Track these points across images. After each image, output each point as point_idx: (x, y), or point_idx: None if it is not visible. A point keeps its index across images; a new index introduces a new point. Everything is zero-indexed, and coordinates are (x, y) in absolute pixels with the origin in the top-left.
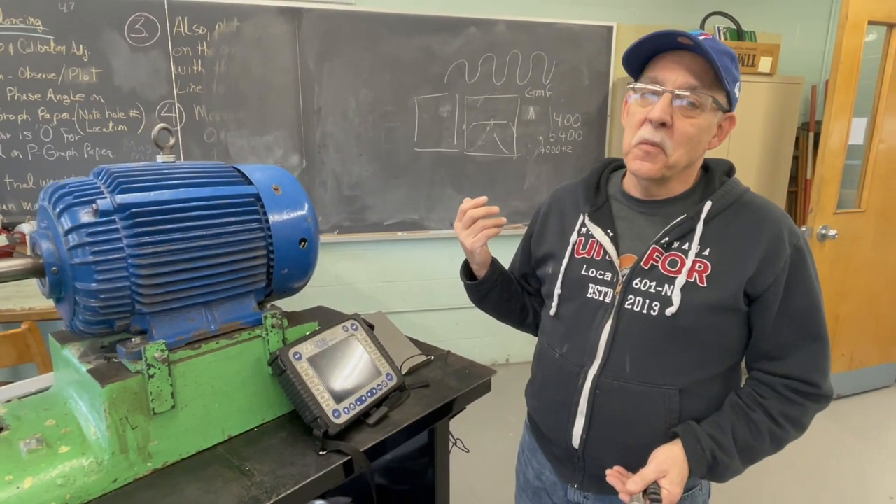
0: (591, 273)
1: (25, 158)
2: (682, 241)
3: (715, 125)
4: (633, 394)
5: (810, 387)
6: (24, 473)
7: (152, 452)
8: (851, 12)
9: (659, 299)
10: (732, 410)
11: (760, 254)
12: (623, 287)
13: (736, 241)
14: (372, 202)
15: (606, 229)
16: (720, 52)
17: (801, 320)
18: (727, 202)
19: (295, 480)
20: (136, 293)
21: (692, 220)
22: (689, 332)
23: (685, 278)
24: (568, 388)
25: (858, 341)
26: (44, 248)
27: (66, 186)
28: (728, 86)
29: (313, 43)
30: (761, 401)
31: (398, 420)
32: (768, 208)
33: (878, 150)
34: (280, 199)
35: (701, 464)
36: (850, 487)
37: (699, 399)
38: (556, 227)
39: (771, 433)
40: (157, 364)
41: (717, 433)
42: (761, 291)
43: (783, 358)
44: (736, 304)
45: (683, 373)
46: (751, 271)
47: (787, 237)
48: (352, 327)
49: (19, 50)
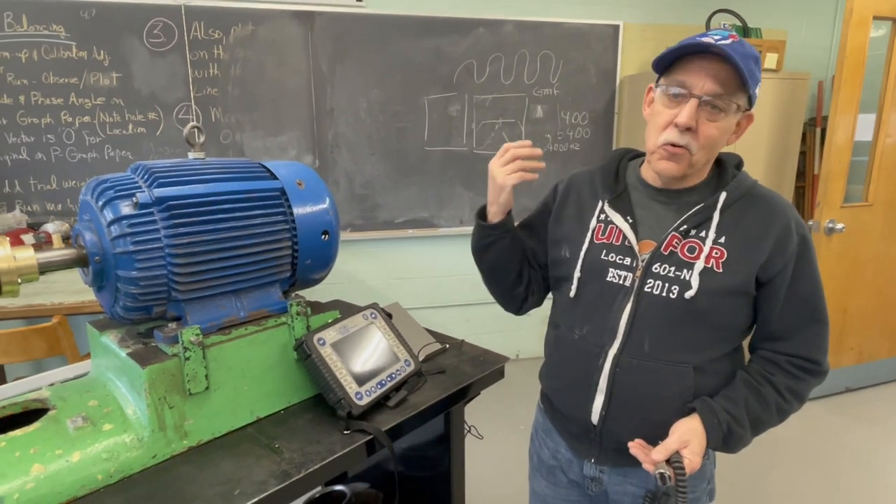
0: (610, 258)
1: (49, 160)
2: (700, 229)
3: (731, 124)
4: (650, 371)
5: (813, 364)
6: (73, 448)
7: (188, 431)
8: (856, 8)
9: (678, 283)
10: (745, 385)
11: (772, 242)
12: (643, 271)
13: (749, 230)
14: (383, 201)
15: (626, 216)
16: (746, 57)
17: (805, 304)
18: (740, 193)
19: (322, 457)
20: (173, 281)
21: (709, 209)
22: (704, 313)
23: (703, 264)
24: (588, 367)
25: (867, 334)
26: (87, 239)
27: (108, 181)
28: (751, 89)
29: (325, 45)
30: (769, 377)
31: (416, 403)
32: (777, 200)
33: (885, 144)
34: (303, 193)
35: (717, 436)
36: (861, 479)
37: (711, 376)
38: (573, 212)
39: (778, 406)
40: (193, 347)
41: (731, 407)
42: (771, 276)
43: (788, 338)
44: (748, 289)
45: (697, 351)
46: (763, 258)
47: (794, 227)
48: (371, 315)
49: (43, 56)
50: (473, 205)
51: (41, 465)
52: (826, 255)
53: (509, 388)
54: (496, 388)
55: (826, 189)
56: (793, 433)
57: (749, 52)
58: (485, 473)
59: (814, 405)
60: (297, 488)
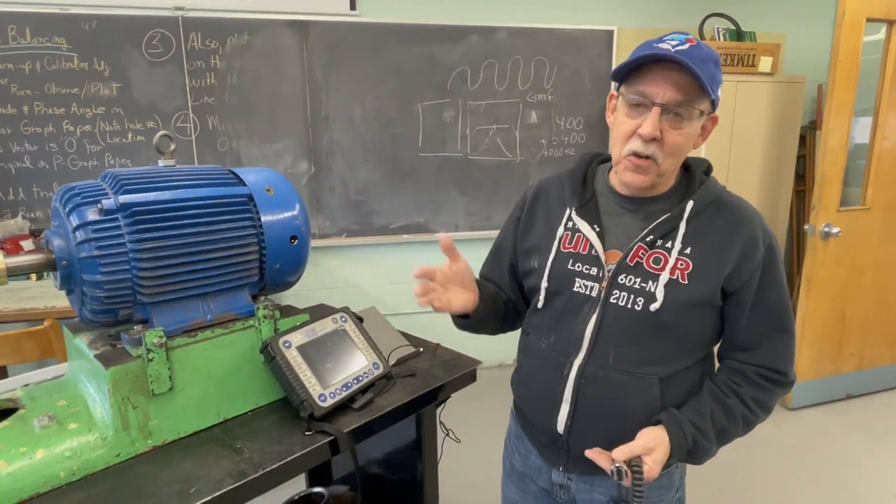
0: (577, 267)
1: (51, 169)
2: (666, 239)
3: (695, 128)
4: (615, 382)
5: (779, 374)
6: (37, 446)
7: (152, 430)
8: (849, 10)
9: (643, 295)
10: (711, 397)
11: (738, 253)
12: (609, 282)
13: (715, 241)
14: (378, 206)
15: (593, 224)
16: (705, 61)
17: (772, 314)
18: (707, 201)
19: (280, 457)
20: (138, 285)
21: (675, 219)
22: (670, 326)
23: (668, 275)
24: (554, 377)
25: (868, 340)
26: (55, 245)
27: (76, 188)
28: (712, 93)
29: (320, 54)
30: (735, 388)
31: (382, 405)
32: (744, 208)
33: (882, 147)
34: (272, 199)
35: (682, 448)
36: (861, 486)
37: (678, 387)
38: (542, 221)
39: (744, 417)
40: (156, 349)
41: (697, 419)
42: (737, 287)
43: (755, 348)
44: (714, 300)
45: (663, 363)
46: (728, 269)
47: (761, 237)
48: (341, 319)
49: (45, 67)
50: (468, 210)
51: (4, 462)
52: (822, 259)
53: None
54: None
55: (822, 193)
56: (793, 440)
57: (708, 55)
58: (463, 477)
59: (815, 412)
60: (252, 487)
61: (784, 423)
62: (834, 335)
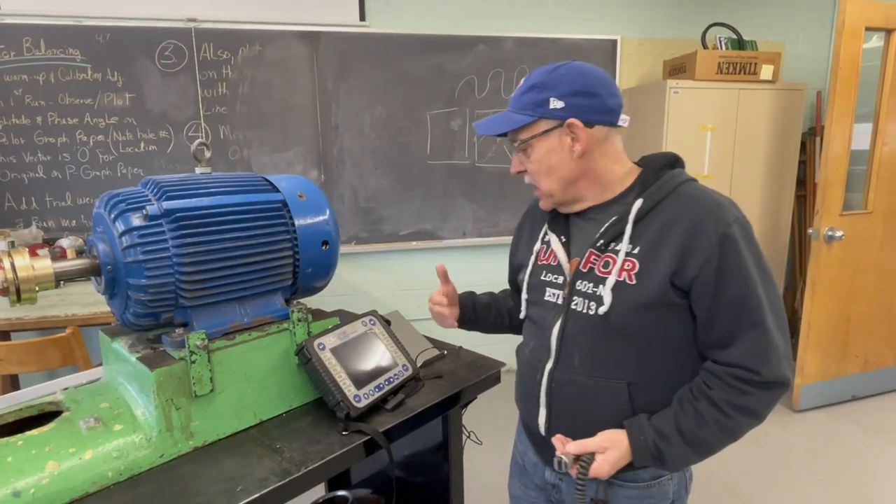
0: (547, 278)
1: (64, 178)
2: (616, 242)
3: (559, 142)
4: (583, 387)
5: (752, 374)
6: (85, 447)
7: (194, 431)
8: (848, 19)
9: (595, 299)
10: (678, 401)
11: (678, 247)
12: (569, 289)
13: (657, 237)
14: (387, 214)
15: (560, 235)
16: (520, 95)
17: (738, 308)
18: (660, 196)
19: (321, 456)
20: (180, 288)
21: (622, 220)
22: (624, 328)
23: (615, 278)
24: (533, 382)
25: (871, 342)
26: (100, 250)
27: (120, 195)
28: (536, 114)
29: (330, 64)
30: (707, 391)
31: (414, 406)
32: (694, 199)
33: (882, 152)
34: (304, 205)
35: (644, 452)
36: (869, 487)
37: (652, 391)
38: (526, 237)
39: (717, 422)
40: (199, 351)
41: (661, 424)
42: (690, 283)
43: (726, 346)
44: (666, 299)
45: (630, 367)
46: (673, 265)
47: (711, 227)
48: (370, 322)
49: (59, 78)
50: (476, 217)
51: (55, 462)
52: (826, 262)
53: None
54: (497, 395)
55: (824, 197)
56: (799, 441)
57: (524, 87)
58: (485, 478)
59: (820, 413)
60: (297, 485)
61: (791, 425)
62: (839, 337)
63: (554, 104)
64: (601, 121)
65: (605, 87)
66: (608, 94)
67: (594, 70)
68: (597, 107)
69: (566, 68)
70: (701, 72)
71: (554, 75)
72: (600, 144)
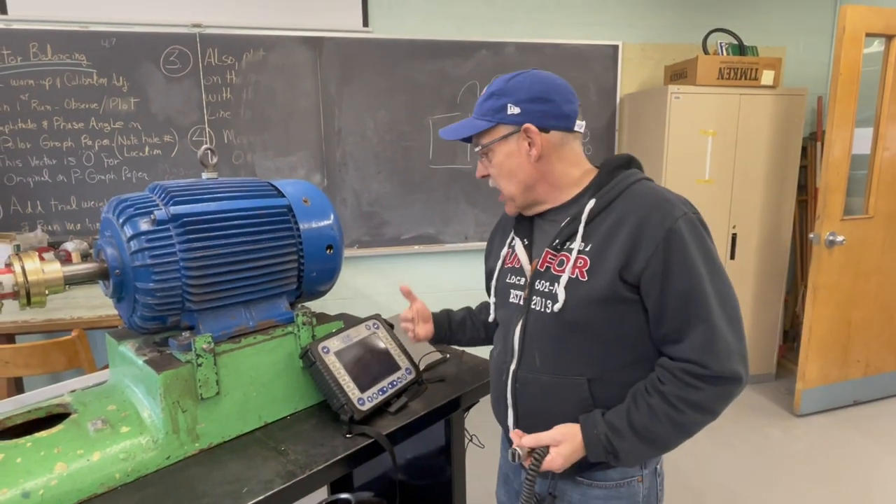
0: (511, 280)
1: (69, 182)
2: (571, 241)
3: (517, 147)
4: (545, 385)
5: (702, 368)
6: (93, 449)
7: (200, 434)
8: (849, 25)
9: (551, 297)
10: (632, 397)
11: (626, 242)
12: (528, 289)
13: (607, 234)
14: (390, 218)
15: (523, 238)
16: (482, 101)
17: (685, 302)
18: (613, 195)
19: (325, 458)
20: (187, 292)
21: (576, 220)
22: (579, 325)
23: (568, 275)
24: (500, 383)
25: (873, 347)
26: (108, 254)
27: (128, 200)
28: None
29: (334, 69)
30: (659, 386)
31: (417, 409)
32: (644, 196)
33: (883, 157)
34: (309, 210)
35: (596, 446)
36: (870, 492)
37: (613, 387)
38: (497, 244)
39: (669, 417)
40: (205, 354)
41: (614, 419)
42: (637, 277)
43: (676, 342)
44: (617, 294)
45: (589, 363)
46: (620, 260)
47: (658, 222)
48: (373, 326)
49: (65, 83)
50: (478, 221)
51: (64, 463)
52: (828, 267)
53: None
54: None
55: (826, 202)
56: (800, 446)
57: (486, 94)
58: (487, 483)
59: (822, 418)
60: (301, 487)
61: (793, 430)
62: (840, 342)
63: (511, 110)
64: (557, 126)
65: (560, 94)
66: (563, 100)
67: (551, 77)
68: (552, 112)
69: (524, 76)
70: (702, 77)
71: (512, 82)
72: (557, 149)
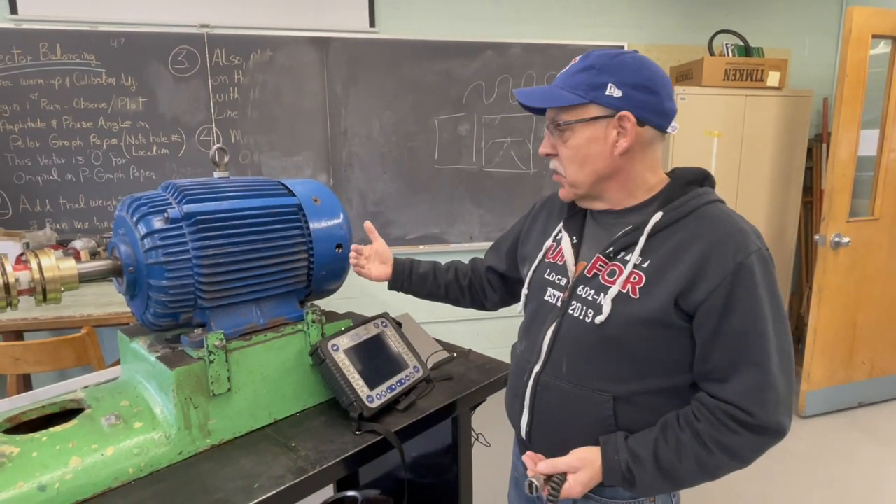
0: (551, 277)
1: (77, 181)
2: (627, 252)
3: (605, 133)
4: (567, 394)
5: (745, 415)
6: (107, 443)
7: (211, 430)
8: (855, 27)
9: (593, 307)
10: (661, 428)
11: (690, 268)
12: (569, 293)
13: (670, 255)
14: (395, 217)
15: (573, 236)
16: (574, 73)
17: (740, 342)
18: (682, 213)
19: (335, 455)
20: (199, 289)
21: (637, 231)
22: (618, 341)
23: (619, 289)
24: (520, 382)
25: (878, 349)
26: (122, 251)
27: (142, 199)
28: (588, 97)
29: (340, 69)
30: (695, 423)
31: (425, 407)
32: (717, 222)
33: (889, 159)
34: (319, 209)
35: (615, 473)
36: (875, 493)
37: (639, 409)
38: (539, 230)
39: (697, 457)
40: (217, 351)
41: (637, 447)
42: (695, 308)
43: (724, 381)
44: (668, 319)
45: (618, 381)
46: (680, 286)
47: (729, 253)
48: (382, 324)
49: (74, 82)
50: (483, 221)
51: (79, 458)
52: (833, 268)
53: None
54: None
55: (831, 203)
56: (804, 447)
57: (580, 66)
58: (492, 481)
59: (826, 420)
60: (312, 483)
61: (798, 431)
62: (845, 343)
63: (611, 91)
64: (653, 122)
65: (665, 88)
66: (667, 95)
67: (658, 68)
68: (654, 106)
69: (632, 57)
70: (708, 78)
71: (618, 61)
72: (644, 147)
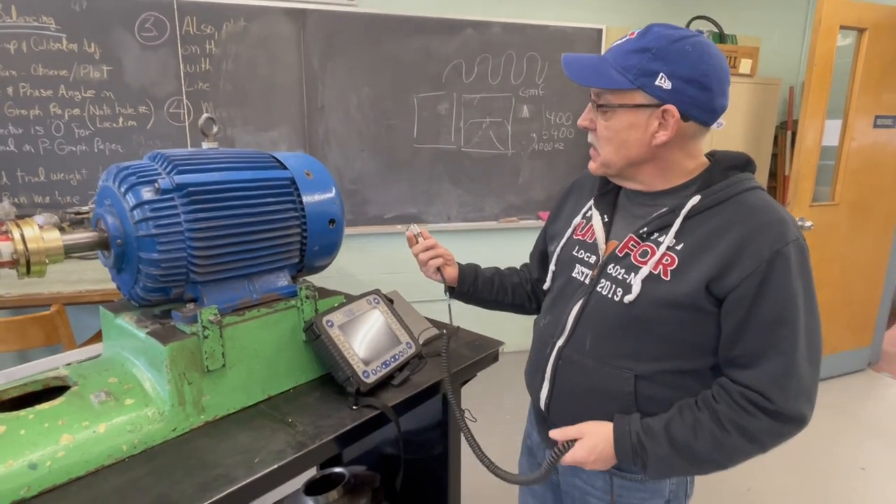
0: (580, 254)
1: (37, 153)
2: (661, 234)
3: (646, 122)
4: (589, 369)
5: (766, 401)
6: (98, 420)
7: (205, 406)
8: (824, 18)
9: (623, 286)
10: (678, 408)
11: (724, 253)
12: (599, 271)
13: (705, 239)
14: (373, 196)
15: (604, 214)
16: (626, 53)
17: (769, 330)
18: (720, 198)
19: (334, 429)
20: (192, 263)
21: (673, 213)
22: (645, 322)
23: (650, 269)
24: (541, 355)
25: (833, 328)
26: (109, 223)
27: (130, 168)
28: (636, 83)
29: (317, 43)
30: (713, 404)
31: (418, 382)
32: (757, 209)
33: (850, 147)
34: (312, 183)
35: (625, 445)
36: (826, 460)
37: (661, 388)
38: (569, 208)
39: (713, 436)
40: (211, 326)
41: (652, 422)
42: (726, 293)
43: (747, 367)
44: (697, 303)
45: (641, 360)
46: (713, 271)
47: (767, 241)
48: (374, 301)
49: (32, 47)
50: (461, 201)
51: (70, 435)
52: None
53: (495, 380)
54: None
55: (797, 189)
56: None
57: (634, 46)
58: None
59: None
60: (312, 457)
61: None
62: None
63: (661, 82)
64: (698, 118)
65: (720, 84)
66: (720, 92)
67: (719, 59)
68: (703, 103)
69: (694, 44)
70: None
71: (676, 47)
72: (684, 140)
